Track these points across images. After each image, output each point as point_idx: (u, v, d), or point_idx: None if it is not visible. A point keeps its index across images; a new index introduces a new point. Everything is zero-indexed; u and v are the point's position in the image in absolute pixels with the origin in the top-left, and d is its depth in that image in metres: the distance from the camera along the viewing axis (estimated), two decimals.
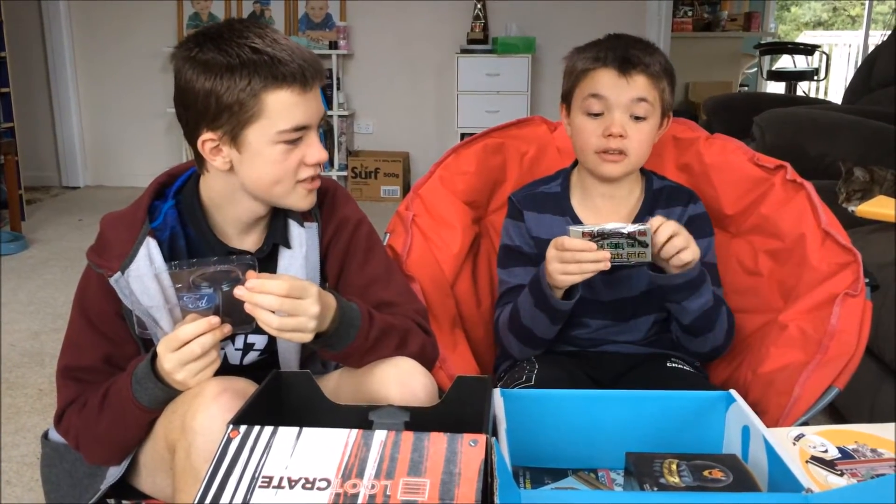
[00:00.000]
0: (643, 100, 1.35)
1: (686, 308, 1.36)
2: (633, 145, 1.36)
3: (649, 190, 1.48)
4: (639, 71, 1.34)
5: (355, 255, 1.29)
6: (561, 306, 1.34)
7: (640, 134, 1.36)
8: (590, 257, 1.25)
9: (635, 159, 1.39)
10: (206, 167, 1.17)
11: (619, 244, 1.25)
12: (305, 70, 1.11)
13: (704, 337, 1.41)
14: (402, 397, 1.12)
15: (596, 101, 1.36)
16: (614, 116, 1.35)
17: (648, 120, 1.37)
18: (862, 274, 1.32)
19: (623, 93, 1.34)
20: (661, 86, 1.37)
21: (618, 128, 1.35)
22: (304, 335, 1.07)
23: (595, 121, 1.37)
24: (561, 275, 1.28)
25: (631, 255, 1.26)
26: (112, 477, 1.19)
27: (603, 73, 1.36)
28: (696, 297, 1.34)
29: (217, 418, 1.01)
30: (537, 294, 1.36)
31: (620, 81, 1.34)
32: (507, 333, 1.45)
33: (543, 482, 1.16)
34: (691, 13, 6.51)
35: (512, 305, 1.43)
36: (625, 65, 1.34)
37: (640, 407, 1.15)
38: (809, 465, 1.02)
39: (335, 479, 0.82)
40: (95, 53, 5.03)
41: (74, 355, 1.21)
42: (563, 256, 1.27)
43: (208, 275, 1.07)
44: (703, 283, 1.34)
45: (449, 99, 4.76)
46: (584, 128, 1.39)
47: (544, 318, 1.37)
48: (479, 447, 0.84)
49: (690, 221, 1.46)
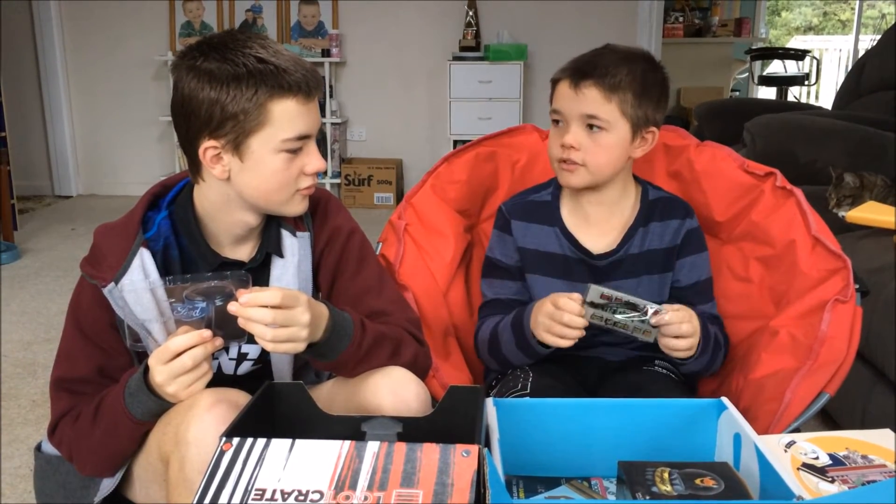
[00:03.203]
0: (594, 116, 1.34)
1: (682, 369, 1.41)
2: (589, 157, 1.36)
3: (644, 200, 1.48)
4: (590, 83, 1.34)
5: (348, 264, 1.29)
6: (541, 351, 1.36)
7: (596, 146, 1.36)
8: (577, 323, 1.26)
9: (595, 170, 1.38)
10: (202, 176, 1.17)
11: (632, 316, 1.26)
12: (308, 80, 1.13)
13: (698, 377, 1.47)
14: (394, 407, 1.13)
15: (556, 114, 1.40)
16: (570, 128, 1.37)
17: (608, 132, 1.35)
18: (852, 280, 1.32)
19: (574, 106, 1.36)
20: (619, 98, 1.34)
21: (569, 139, 1.36)
22: (297, 345, 1.08)
23: (557, 131, 1.40)
24: (544, 331, 1.30)
25: (636, 330, 1.27)
26: (106, 489, 1.19)
27: (560, 85, 1.39)
28: (696, 360, 1.36)
29: (211, 430, 1.01)
30: (518, 334, 1.37)
31: (571, 94, 1.36)
32: (486, 354, 1.47)
33: (537, 491, 1.16)
34: (682, 19, 6.54)
35: (492, 330, 1.44)
36: (576, 76, 1.35)
37: (632, 415, 1.15)
38: (801, 472, 1.02)
39: (328, 490, 0.82)
40: (87, 62, 5.02)
41: (68, 366, 1.21)
42: (555, 315, 1.27)
43: (202, 290, 1.08)
44: (705, 351, 1.36)
45: (441, 106, 4.77)
46: (551, 136, 1.42)
47: (522, 356, 1.40)
48: (471, 457, 0.84)
49: (688, 236, 1.47)
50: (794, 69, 6.82)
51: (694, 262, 1.46)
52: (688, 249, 1.47)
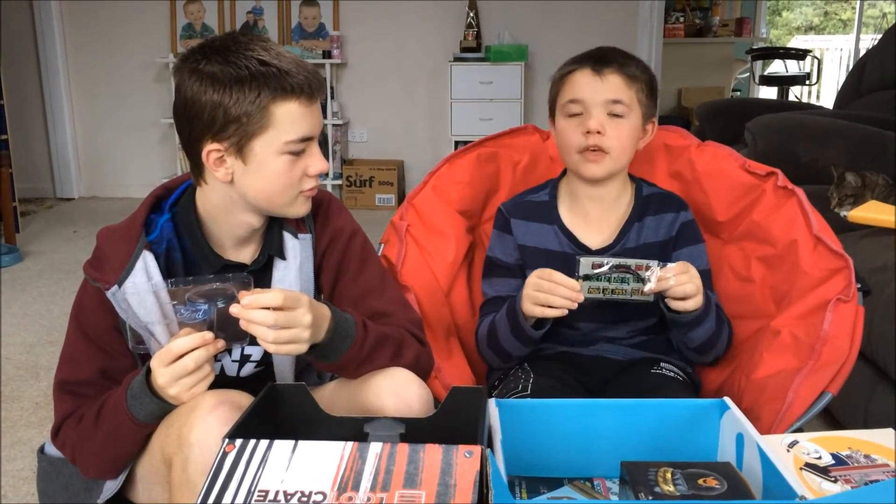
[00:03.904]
0: (618, 101, 1.38)
1: (692, 337, 1.40)
2: (613, 143, 1.39)
3: (639, 196, 1.50)
4: (613, 69, 1.38)
5: (349, 266, 1.30)
6: (532, 334, 1.37)
7: (618, 131, 1.39)
8: (562, 293, 1.26)
9: (616, 157, 1.40)
10: (205, 178, 1.17)
11: (626, 279, 1.27)
12: (311, 82, 1.13)
13: (707, 353, 1.45)
14: (397, 408, 1.13)
15: (574, 104, 1.40)
16: (592, 114, 1.38)
17: (626, 119, 1.39)
18: (854, 279, 1.32)
19: (598, 91, 1.38)
20: (637, 87, 1.40)
21: (595, 124, 1.37)
22: (299, 346, 1.08)
23: (575, 120, 1.41)
24: (530, 303, 1.31)
25: (634, 291, 1.28)
26: (109, 491, 1.19)
27: (579, 74, 1.40)
28: (701, 327, 1.37)
29: (213, 431, 1.01)
30: (512, 320, 1.38)
31: (595, 80, 1.38)
32: (485, 349, 1.48)
33: (539, 491, 1.16)
34: (683, 19, 6.54)
35: (490, 321, 1.45)
36: (599, 63, 1.38)
37: (635, 415, 1.15)
38: (803, 472, 1.02)
39: (331, 492, 0.82)
40: (89, 64, 5.03)
41: (71, 369, 1.21)
42: (541, 285, 1.29)
43: (204, 292, 1.08)
44: (708, 314, 1.36)
45: (442, 107, 4.77)
46: (565, 129, 1.42)
47: (518, 344, 1.41)
48: (474, 458, 0.85)
49: (683, 229, 1.48)
50: (795, 69, 6.81)
51: (690, 253, 1.46)
52: (683, 241, 1.48)
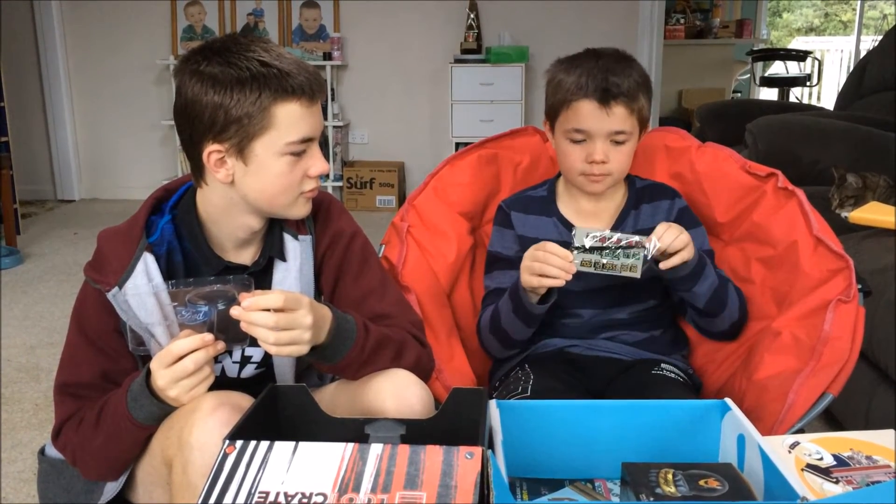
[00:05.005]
0: (622, 132, 1.40)
1: (696, 293, 1.41)
2: (615, 166, 1.43)
3: (632, 188, 1.54)
4: (618, 102, 1.39)
5: (350, 267, 1.30)
6: (534, 310, 1.39)
7: (621, 155, 1.43)
8: (555, 262, 1.29)
9: (618, 175, 1.46)
10: (205, 180, 1.17)
11: (617, 254, 1.29)
12: (312, 83, 1.13)
13: (721, 316, 1.46)
14: (398, 409, 1.13)
15: (578, 133, 1.42)
16: (596, 145, 1.41)
17: (628, 142, 1.43)
18: (854, 280, 1.32)
19: (604, 124, 1.40)
20: (638, 106, 1.41)
21: (600, 155, 1.41)
22: (300, 348, 1.08)
23: (578, 147, 1.43)
24: (528, 274, 1.33)
25: (623, 267, 1.30)
26: (109, 493, 1.19)
27: (584, 104, 1.40)
28: (703, 280, 1.39)
29: (214, 433, 1.01)
30: (515, 299, 1.40)
31: (601, 113, 1.39)
32: (487, 335, 1.50)
33: (540, 493, 1.16)
34: (683, 20, 6.54)
35: (493, 308, 1.47)
36: (605, 96, 1.38)
37: (636, 416, 1.15)
38: (805, 472, 1.02)
39: (332, 493, 0.82)
40: (90, 67, 5.03)
41: (72, 371, 1.21)
42: (536, 255, 1.32)
43: (205, 293, 1.08)
44: (705, 266, 1.40)
45: (443, 108, 4.77)
46: (568, 153, 1.45)
47: (520, 323, 1.42)
48: (475, 459, 0.85)
49: (680, 214, 1.51)
50: (796, 70, 6.81)
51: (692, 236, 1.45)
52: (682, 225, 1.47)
